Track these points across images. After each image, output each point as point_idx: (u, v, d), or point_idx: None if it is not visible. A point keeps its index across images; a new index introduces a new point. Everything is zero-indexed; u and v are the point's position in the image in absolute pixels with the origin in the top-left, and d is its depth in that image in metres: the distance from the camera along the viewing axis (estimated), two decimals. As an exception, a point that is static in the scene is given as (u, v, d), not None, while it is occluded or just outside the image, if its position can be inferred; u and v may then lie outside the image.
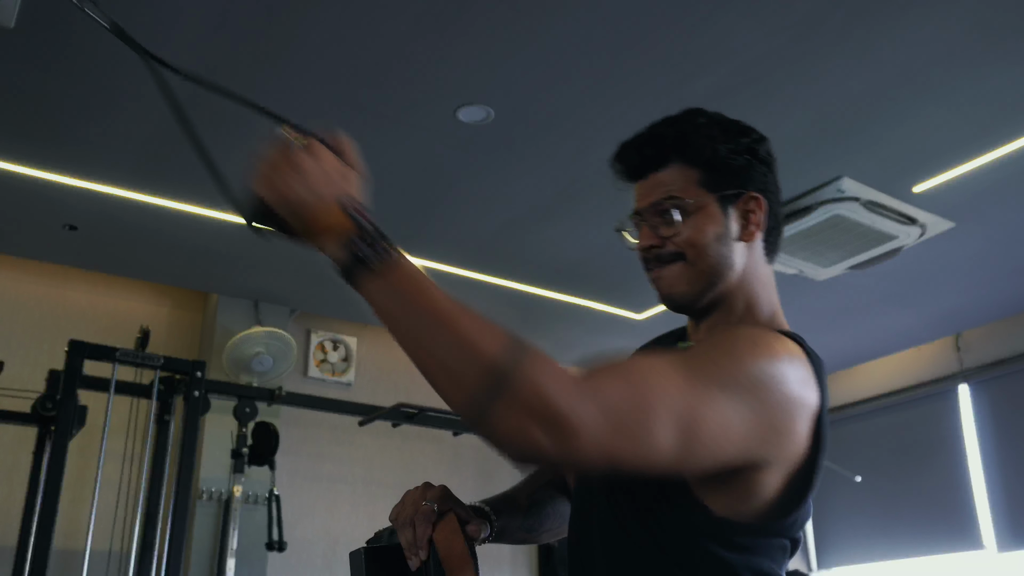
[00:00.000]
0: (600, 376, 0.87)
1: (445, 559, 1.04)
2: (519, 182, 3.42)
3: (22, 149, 3.20)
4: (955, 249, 3.89)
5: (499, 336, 0.85)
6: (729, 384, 0.94)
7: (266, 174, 0.92)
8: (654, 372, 0.91)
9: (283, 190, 0.91)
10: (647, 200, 1.17)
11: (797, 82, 2.81)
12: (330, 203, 0.92)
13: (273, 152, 0.94)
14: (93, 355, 3.43)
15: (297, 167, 0.92)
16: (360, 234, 0.90)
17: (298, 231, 0.93)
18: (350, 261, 0.89)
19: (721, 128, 1.18)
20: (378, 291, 0.89)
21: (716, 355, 0.98)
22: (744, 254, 1.15)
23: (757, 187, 1.17)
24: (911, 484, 5.06)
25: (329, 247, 0.91)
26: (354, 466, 4.69)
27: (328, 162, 0.95)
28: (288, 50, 2.67)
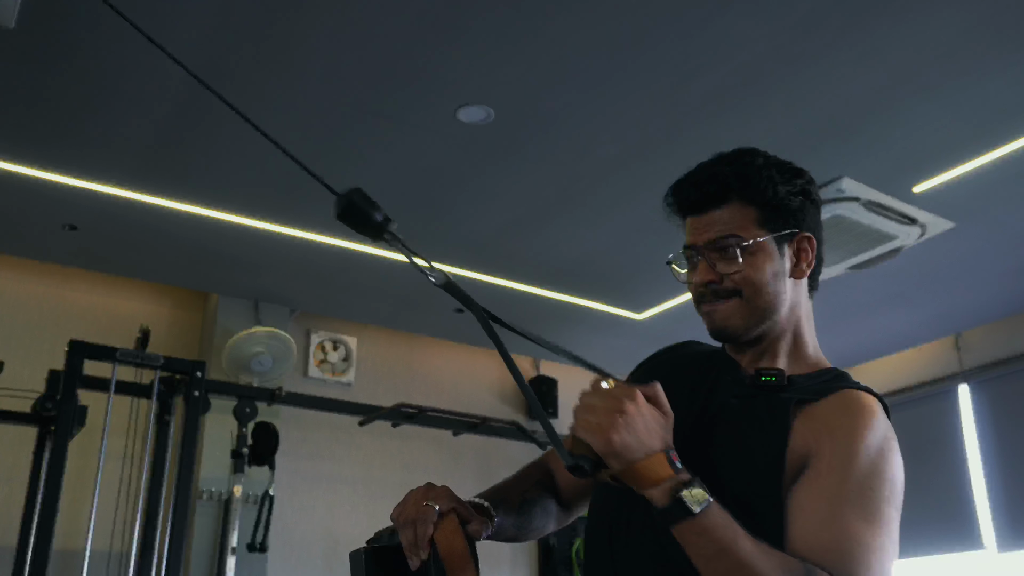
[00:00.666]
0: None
1: (446, 559, 1.04)
2: (519, 182, 3.42)
3: (22, 149, 3.20)
4: (955, 249, 3.89)
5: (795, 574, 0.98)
6: (891, 500, 1.13)
7: (592, 422, 1.00)
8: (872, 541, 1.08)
9: (611, 440, 0.99)
10: (704, 236, 1.20)
11: (797, 82, 2.81)
12: (654, 452, 1.00)
13: (595, 399, 1.01)
14: (93, 355, 3.42)
15: (624, 417, 0.99)
16: (683, 482, 0.99)
17: (621, 476, 1.00)
18: (674, 507, 0.98)
19: (779, 169, 1.23)
20: (694, 534, 0.98)
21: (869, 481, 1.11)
22: (794, 291, 1.23)
23: (809, 227, 1.23)
24: (911, 484, 4.99)
25: (653, 493, 0.99)
26: (354, 466, 4.69)
27: (648, 411, 1.02)
28: (288, 50, 2.67)
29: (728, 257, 1.18)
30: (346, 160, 3.22)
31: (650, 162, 3.21)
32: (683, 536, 0.98)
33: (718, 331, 1.21)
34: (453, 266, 4.09)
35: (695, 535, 0.97)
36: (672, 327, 4.56)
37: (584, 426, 1.00)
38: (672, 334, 2.12)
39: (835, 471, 1.08)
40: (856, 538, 1.04)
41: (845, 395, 1.17)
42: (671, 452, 1.00)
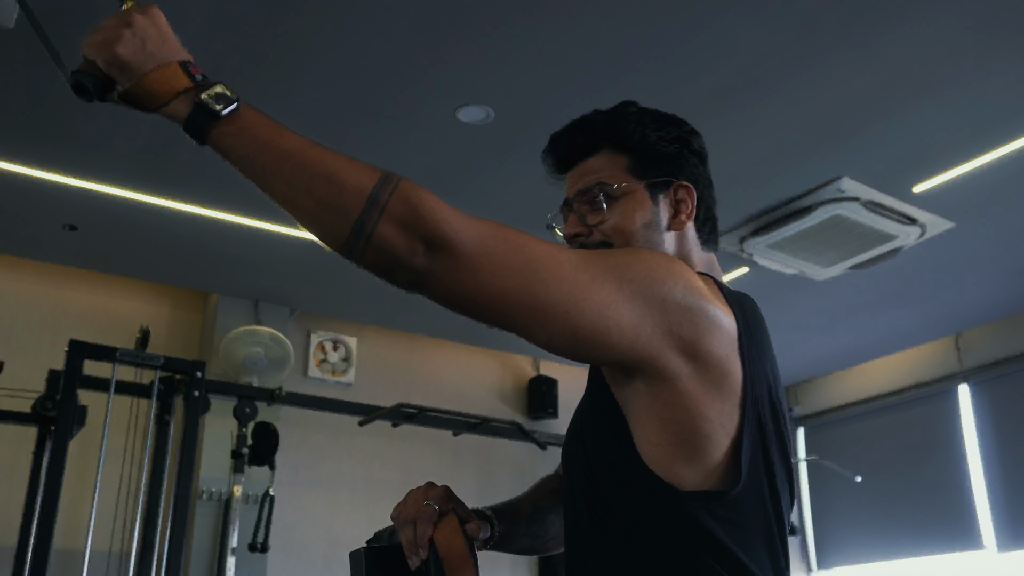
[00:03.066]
0: (488, 221, 0.91)
1: (445, 559, 1.04)
2: (519, 182, 3.42)
3: (22, 149, 3.20)
4: (955, 249, 3.89)
5: (367, 166, 0.89)
6: (623, 270, 0.94)
7: (98, 37, 0.92)
8: (546, 244, 0.93)
9: (116, 52, 0.90)
10: (575, 188, 1.17)
11: (797, 82, 2.81)
12: (169, 62, 0.92)
13: (109, 19, 0.93)
14: (93, 355, 3.42)
15: (130, 28, 0.91)
16: (203, 87, 0.90)
17: (136, 95, 0.92)
18: (197, 115, 0.89)
19: (652, 117, 1.16)
20: (233, 138, 0.89)
21: (615, 250, 1.00)
22: (675, 242, 1.13)
23: (688, 177, 1.15)
24: (911, 484, 5.06)
25: (172, 106, 0.91)
26: (354, 466, 4.69)
27: (161, 26, 0.95)
28: (289, 51, 2.67)
29: (596, 206, 1.12)
30: (346, 160, 3.22)
31: (650, 162, 3.21)
32: (221, 144, 0.89)
33: None
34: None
35: (230, 138, 0.88)
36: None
37: (88, 43, 0.91)
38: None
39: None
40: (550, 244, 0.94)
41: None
42: (190, 66, 0.92)
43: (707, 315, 0.97)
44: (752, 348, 1.01)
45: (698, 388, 0.96)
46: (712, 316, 0.97)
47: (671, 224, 1.13)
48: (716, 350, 0.97)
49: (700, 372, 0.96)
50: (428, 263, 0.86)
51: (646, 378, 0.97)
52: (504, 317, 0.91)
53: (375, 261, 0.87)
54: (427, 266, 0.86)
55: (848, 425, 5.48)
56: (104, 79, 0.92)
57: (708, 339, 0.96)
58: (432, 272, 0.87)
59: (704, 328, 0.96)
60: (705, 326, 0.96)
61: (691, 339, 0.95)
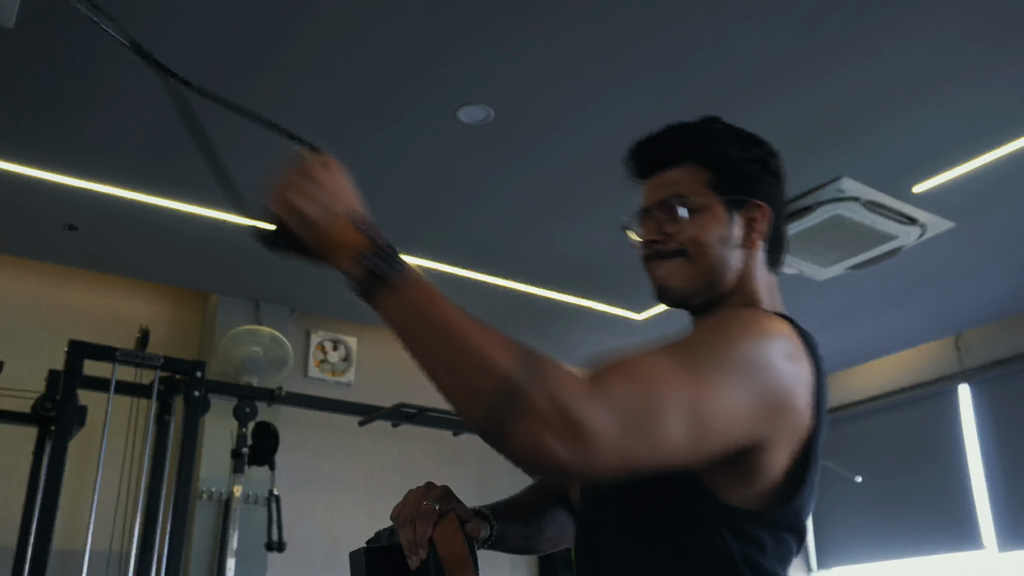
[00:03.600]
0: (607, 378, 0.88)
1: (445, 559, 1.04)
2: (519, 182, 3.42)
3: (22, 149, 3.20)
4: (955, 249, 3.89)
5: (512, 348, 0.86)
6: (727, 366, 0.95)
7: (280, 191, 0.94)
8: (656, 365, 0.92)
9: (297, 206, 0.93)
10: (655, 197, 1.19)
11: (797, 82, 2.81)
12: (343, 219, 0.93)
13: (287, 170, 0.95)
14: (93, 355, 3.42)
15: (313, 183, 0.94)
16: (375, 250, 0.92)
17: (312, 248, 0.95)
18: (366, 277, 0.92)
19: (735, 135, 1.21)
20: (393, 305, 0.91)
21: (710, 338, 1.00)
22: (744, 260, 1.17)
23: (763, 197, 1.19)
24: (911, 484, 5.06)
25: (344, 263, 0.93)
26: (354, 466, 4.69)
27: (338, 179, 0.96)
28: (288, 50, 2.67)
29: (674, 216, 1.16)
30: (346, 160, 3.20)
31: (650, 162, 3.21)
32: (381, 308, 0.91)
33: (661, 291, 1.18)
34: (453, 266, 4.09)
35: (392, 304, 0.91)
36: (672, 327, 4.55)
37: (274, 196, 0.94)
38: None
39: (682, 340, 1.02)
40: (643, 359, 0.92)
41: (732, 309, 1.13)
42: (364, 220, 0.94)
43: (797, 377, 1.03)
44: (824, 395, 1.07)
45: (777, 444, 1.01)
46: (800, 376, 1.03)
47: (744, 242, 1.17)
48: (799, 405, 1.02)
49: (784, 434, 1.02)
50: (568, 459, 0.84)
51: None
52: (651, 470, 0.91)
53: (508, 453, 0.86)
54: (567, 462, 0.84)
55: (848, 425, 5.48)
56: (289, 233, 0.95)
57: (794, 397, 1.02)
58: (574, 465, 0.85)
59: (793, 390, 1.02)
60: (794, 387, 1.02)
61: (783, 403, 1.00)
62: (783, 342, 1.03)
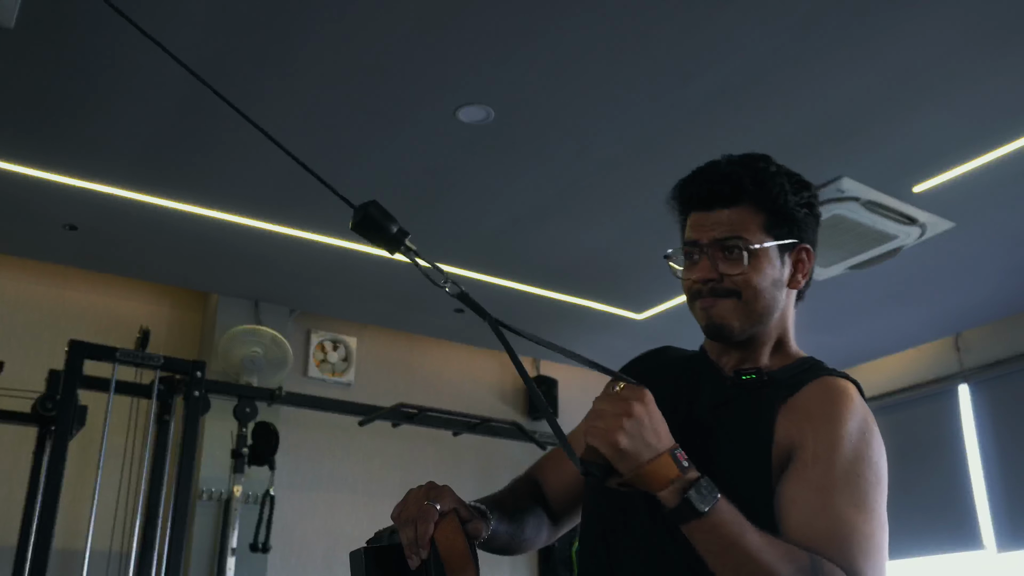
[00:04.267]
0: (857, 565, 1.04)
1: (446, 559, 1.03)
2: (519, 182, 3.42)
3: (22, 149, 3.20)
4: (955, 249, 3.89)
5: (803, 566, 0.99)
6: (877, 486, 1.12)
7: (601, 427, 1.01)
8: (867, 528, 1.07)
9: (618, 443, 0.99)
10: (710, 234, 1.21)
11: (797, 82, 2.81)
12: (662, 453, 1.01)
13: (607, 404, 1.02)
14: (93, 355, 3.42)
15: (631, 420, 1.00)
16: (690, 482, 1.00)
17: (630, 479, 1.01)
18: (683, 506, 0.99)
19: (790, 180, 1.25)
20: (706, 535, 1.00)
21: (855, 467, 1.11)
22: (786, 297, 1.24)
23: (809, 240, 1.25)
24: (911, 484, 5.06)
25: (663, 493, 1.00)
26: (354, 466, 4.69)
27: (653, 413, 1.03)
28: (288, 50, 2.67)
29: (732, 258, 1.19)
30: (346, 160, 3.22)
31: (650, 162, 3.21)
32: (692, 534, 1.00)
33: (714, 328, 1.22)
34: (453, 266, 4.09)
35: (704, 532, 0.99)
36: (672, 327, 4.56)
37: (593, 432, 1.01)
38: (672, 334, 2.12)
39: (820, 460, 1.10)
40: (851, 525, 1.05)
41: (823, 382, 1.19)
42: (677, 452, 1.02)
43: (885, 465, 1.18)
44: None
45: None
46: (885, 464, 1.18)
47: (790, 283, 1.24)
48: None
49: None
50: None
51: None
52: None
53: None
54: None
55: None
56: (608, 466, 1.02)
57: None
58: None
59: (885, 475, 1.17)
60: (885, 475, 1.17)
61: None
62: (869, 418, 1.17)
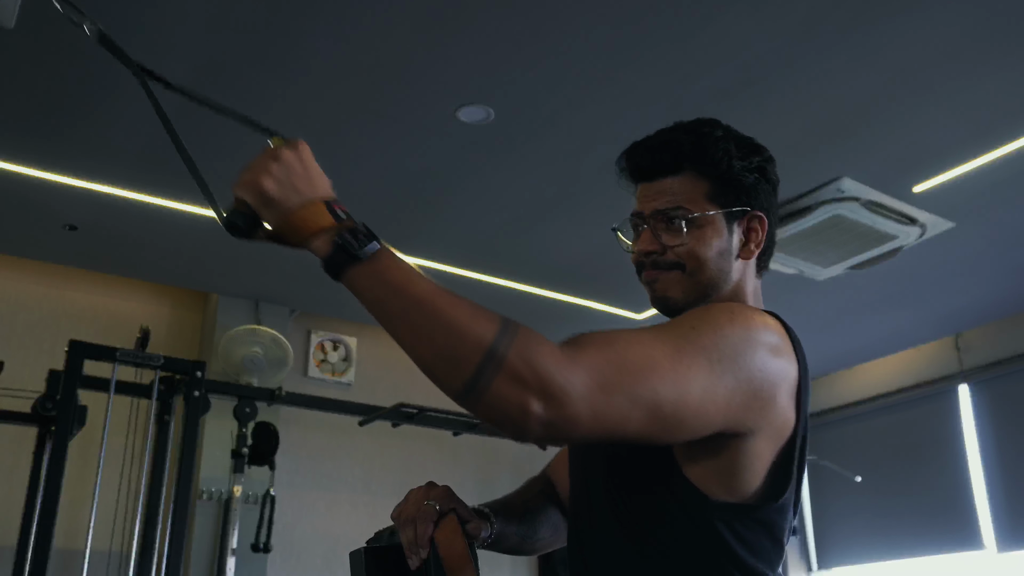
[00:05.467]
0: (588, 345, 0.91)
1: (446, 559, 1.04)
2: (519, 182, 3.42)
3: (22, 149, 3.20)
4: (955, 249, 3.89)
5: (489, 316, 0.89)
6: (710, 349, 0.97)
7: (247, 176, 0.95)
8: (639, 340, 0.94)
9: (263, 189, 0.93)
10: (652, 205, 1.17)
11: (797, 82, 2.81)
12: (312, 200, 0.94)
13: (259, 157, 0.96)
14: (93, 355, 3.42)
15: (278, 164, 0.94)
16: (345, 228, 0.93)
17: (281, 231, 0.95)
18: (337, 255, 0.93)
19: (737, 144, 1.18)
20: (366, 281, 0.93)
21: (696, 323, 1.01)
22: (740, 270, 1.18)
23: (762, 206, 1.18)
24: (911, 484, 5.06)
25: (314, 242, 0.94)
26: (354, 466, 4.69)
27: (307, 163, 0.96)
28: (288, 51, 2.67)
29: (673, 229, 1.14)
30: (346, 160, 3.22)
31: (650, 162, 3.21)
32: (354, 284, 0.93)
33: (659, 301, 1.19)
34: (453, 266, 4.09)
35: (366, 279, 0.92)
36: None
37: (239, 181, 0.95)
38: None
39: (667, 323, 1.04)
40: (622, 334, 0.95)
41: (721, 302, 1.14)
42: (335, 203, 0.95)
43: (780, 371, 1.03)
44: (807, 391, 1.08)
45: (759, 436, 1.02)
46: (784, 371, 1.04)
47: (741, 252, 1.17)
48: (781, 401, 1.03)
49: (767, 425, 1.02)
50: (545, 417, 0.86)
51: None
52: (626, 439, 0.93)
53: (488, 415, 0.88)
54: (544, 420, 0.87)
55: (848, 425, 5.48)
56: (254, 216, 0.95)
57: (778, 392, 1.02)
58: (551, 424, 0.87)
59: (777, 384, 1.02)
60: (778, 382, 1.02)
61: (767, 397, 1.01)
62: (769, 335, 1.04)
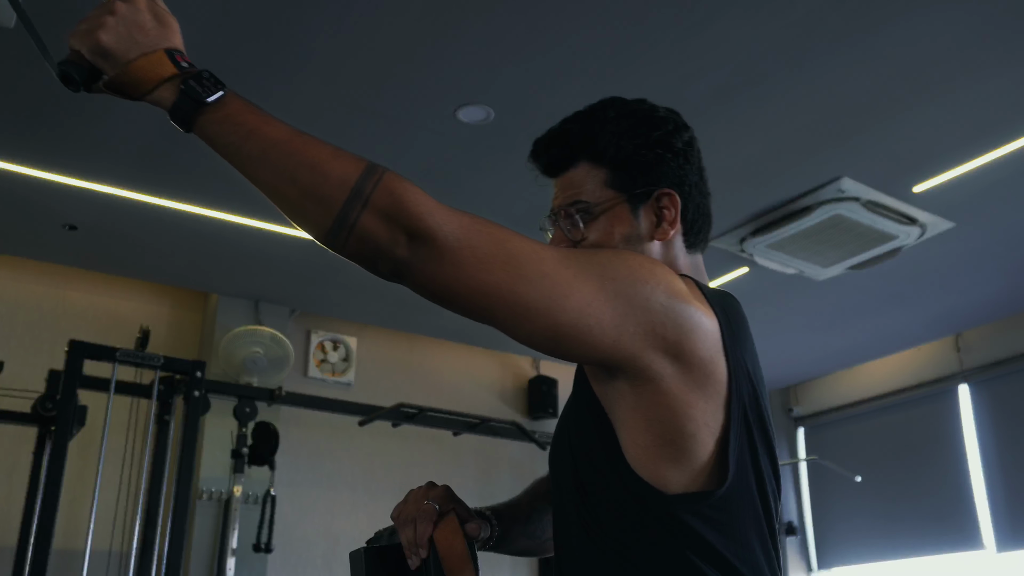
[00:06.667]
0: (472, 215, 0.90)
1: (445, 558, 1.03)
2: (519, 182, 3.42)
3: (22, 149, 3.20)
4: (955, 249, 3.89)
5: (351, 156, 0.88)
6: (606, 270, 0.94)
7: (82, 27, 0.92)
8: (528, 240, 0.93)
9: (99, 40, 0.90)
10: (557, 201, 1.15)
11: (797, 82, 2.81)
12: (154, 50, 0.91)
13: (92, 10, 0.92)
14: (93, 355, 3.42)
15: (114, 16, 0.91)
16: (188, 74, 0.90)
17: (121, 83, 0.91)
18: (182, 102, 0.88)
19: (631, 122, 1.12)
20: (218, 126, 0.88)
21: (598, 251, 1.00)
22: (659, 251, 1.10)
23: (671, 182, 1.11)
24: (911, 484, 5.06)
25: (157, 93, 0.90)
26: (354, 466, 4.69)
27: (145, 9, 0.93)
28: (289, 50, 2.67)
29: (575, 225, 1.10)
30: (346, 160, 3.22)
31: (650, 162, 3.21)
32: (206, 132, 0.88)
33: None
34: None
35: (216, 125, 0.88)
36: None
37: (74, 33, 0.91)
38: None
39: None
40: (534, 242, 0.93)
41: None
42: (176, 53, 0.91)
43: (689, 316, 0.97)
44: (736, 348, 1.00)
45: (682, 388, 0.96)
46: (694, 318, 0.97)
47: (654, 234, 1.10)
48: (699, 351, 0.96)
49: (683, 372, 0.96)
50: (410, 254, 0.87)
51: (629, 378, 0.96)
52: (486, 311, 0.91)
53: (358, 251, 0.87)
54: (409, 257, 0.87)
55: (848, 425, 5.48)
56: (90, 68, 0.92)
57: (691, 340, 0.96)
58: (414, 263, 0.87)
59: (687, 329, 0.96)
60: (687, 327, 0.96)
61: (674, 340, 0.95)
62: (675, 282, 0.99)
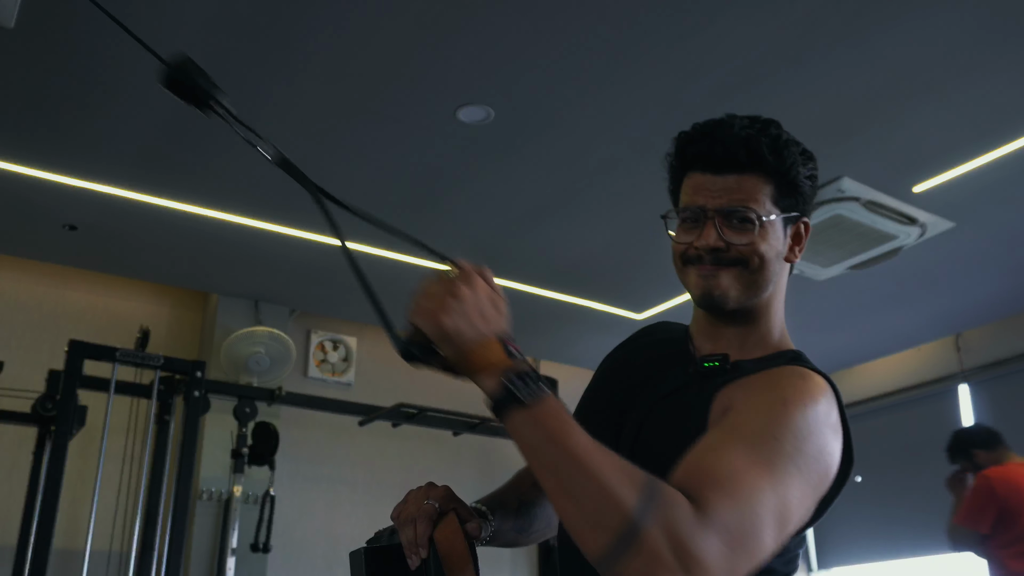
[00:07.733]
0: (711, 500, 0.89)
1: (445, 558, 1.03)
2: (519, 182, 3.42)
3: (22, 149, 3.20)
4: (955, 249, 3.89)
5: (635, 482, 0.87)
6: (797, 458, 0.99)
7: (425, 306, 0.95)
8: (748, 475, 0.94)
9: (442, 323, 0.93)
10: (718, 201, 1.15)
11: (797, 82, 2.81)
12: (488, 337, 0.95)
13: (432, 285, 0.97)
14: (93, 355, 3.42)
15: (456, 300, 0.95)
16: (516, 370, 0.92)
17: (453, 362, 0.95)
18: (503, 395, 0.91)
19: (799, 149, 1.20)
20: (526, 427, 0.91)
21: (774, 428, 1.00)
22: (782, 272, 1.21)
23: (809, 213, 1.22)
24: (911, 484, 5.05)
25: (484, 379, 0.93)
26: (354, 466, 4.69)
27: (484, 295, 0.98)
28: (289, 50, 2.67)
29: (740, 228, 1.14)
30: (346, 160, 3.22)
31: (650, 162, 3.21)
32: (513, 426, 0.91)
33: (713, 298, 1.16)
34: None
35: (526, 426, 0.91)
36: (672, 327, 4.55)
37: (417, 310, 0.95)
38: (672, 334, 2.12)
39: (742, 414, 1.02)
40: (733, 467, 0.93)
41: (785, 367, 1.12)
42: (507, 340, 0.96)
43: (838, 448, 1.08)
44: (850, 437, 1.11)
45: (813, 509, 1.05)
46: (839, 447, 1.08)
47: (788, 255, 1.20)
48: (832, 472, 1.06)
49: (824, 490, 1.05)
50: None
51: None
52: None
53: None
54: None
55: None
56: (429, 346, 0.95)
57: (832, 469, 1.06)
58: None
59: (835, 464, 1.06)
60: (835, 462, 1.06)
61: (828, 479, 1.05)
62: (829, 411, 1.07)
